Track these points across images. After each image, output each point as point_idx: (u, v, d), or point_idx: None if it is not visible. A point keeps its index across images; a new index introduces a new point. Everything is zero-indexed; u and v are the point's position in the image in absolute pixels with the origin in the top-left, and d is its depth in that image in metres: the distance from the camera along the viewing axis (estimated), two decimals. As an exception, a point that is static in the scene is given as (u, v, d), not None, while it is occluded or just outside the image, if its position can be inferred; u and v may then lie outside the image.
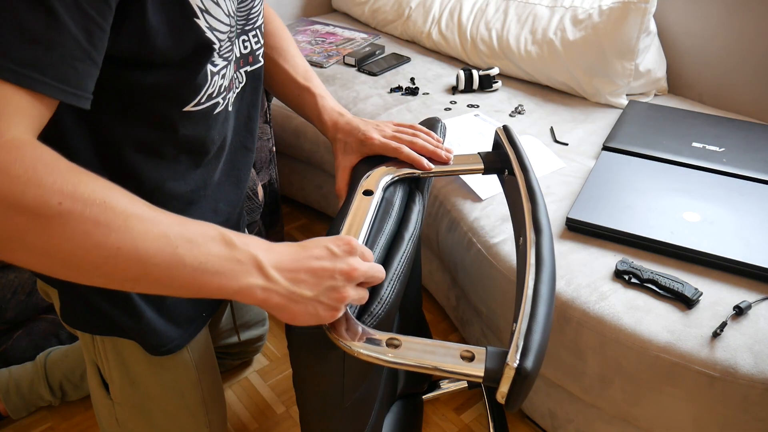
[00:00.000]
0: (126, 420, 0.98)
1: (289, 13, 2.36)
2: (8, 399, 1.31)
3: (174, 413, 0.98)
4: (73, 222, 0.48)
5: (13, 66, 0.49)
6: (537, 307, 0.61)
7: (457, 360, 0.60)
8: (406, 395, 1.27)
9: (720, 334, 0.96)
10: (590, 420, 1.14)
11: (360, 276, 0.62)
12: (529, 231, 0.73)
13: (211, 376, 1.02)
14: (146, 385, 0.94)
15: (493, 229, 1.24)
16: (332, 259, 0.61)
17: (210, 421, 1.02)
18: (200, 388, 0.98)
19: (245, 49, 0.83)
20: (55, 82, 0.52)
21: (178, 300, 0.89)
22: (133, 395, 0.95)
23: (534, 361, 0.56)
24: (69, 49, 0.52)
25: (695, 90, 1.76)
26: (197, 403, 0.99)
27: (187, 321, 0.93)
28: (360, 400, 0.80)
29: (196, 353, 0.97)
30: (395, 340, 0.61)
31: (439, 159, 0.90)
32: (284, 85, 0.99)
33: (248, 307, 1.30)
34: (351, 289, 0.61)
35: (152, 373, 0.93)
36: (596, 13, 1.64)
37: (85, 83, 0.55)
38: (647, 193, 1.22)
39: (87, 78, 0.55)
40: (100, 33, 0.55)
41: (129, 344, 0.90)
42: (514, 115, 1.63)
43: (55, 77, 0.52)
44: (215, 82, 0.75)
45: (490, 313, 1.24)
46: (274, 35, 0.99)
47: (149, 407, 0.96)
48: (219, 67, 0.74)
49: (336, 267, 0.60)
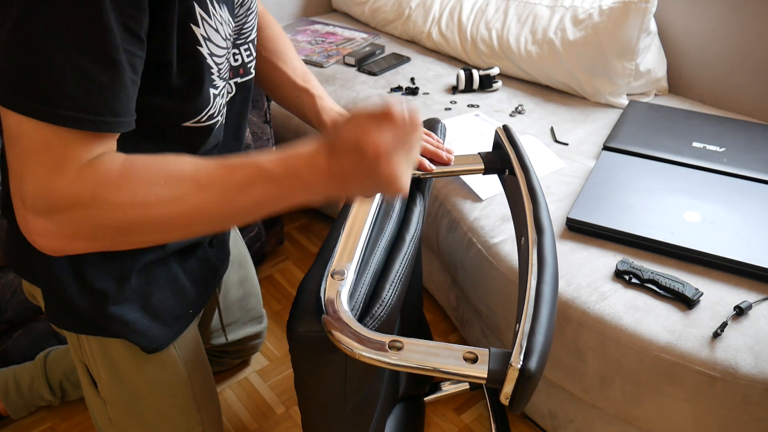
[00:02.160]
0: (119, 419, 0.98)
1: (289, 13, 2.36)
2: (8, 398, 1.31)
3: (165, 411, 0.97)
4: (144, 223, 0.59)
5: (92, 117, 0.57)
6: (540, 307, 0.61)
7: (460, 362, 0.60)
8: (407, 397, 1.27)
9: (720, 335, 0.96)
10: (590, 420, 1.14)
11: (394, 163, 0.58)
12: (531, 231, 0.73)
13: (201, 373, 1.01)
14: (135, 383, 0.94)
15: (493, 229, 1.24)
16: (358, 171, 0.58)
17: (202, 419, 1.01)
18: (190, 386, 0.98)
19: (236, 62, 0.84)
20: (121, 117, 0.60)
21: (164, 298, 0.90)
22: (122, 394, 0.94)
23: (537, 362, 0.56)
24: (128, 88, 0.60)
25: (696, 90, 1.76)
26: (188, 400, 0.99)
27: (173, 319, 0.92)
28: (362, 403, 0.80)
29: (184, 350, 0.96)
30: (397, 342, 0.61)
31: (439, 160, 0.91)
32: (283, 87, 0.99)
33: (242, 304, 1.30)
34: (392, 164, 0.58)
35: (140, 372, 0.93)
36: (596, 12, 1.64)
37: (133, 107, 0.62)
38: (647, 193, 1.22)
39: (134, 101, 0.62)
40: (141, 62, 0.62)
41: (116, 343, 0.89)
42: (514, 115, 1.63)
43: (120, 113, 0.60)
44: (217, 103, 0.77)
45: (490, 313, 1.24)
46: (272, 39, 0.99)
47: (140, 406, 0.96)
48: (219, 88, 0.77)
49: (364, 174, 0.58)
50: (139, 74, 0.62)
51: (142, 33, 0.60)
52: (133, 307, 0.86)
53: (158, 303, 0.89)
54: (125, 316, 0.85)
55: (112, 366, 0.92)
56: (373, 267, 0.72)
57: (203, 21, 0.68)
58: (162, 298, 0.89)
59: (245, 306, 1.31)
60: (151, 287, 0.88)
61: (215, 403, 1.07)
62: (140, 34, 0.60)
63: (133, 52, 0.59)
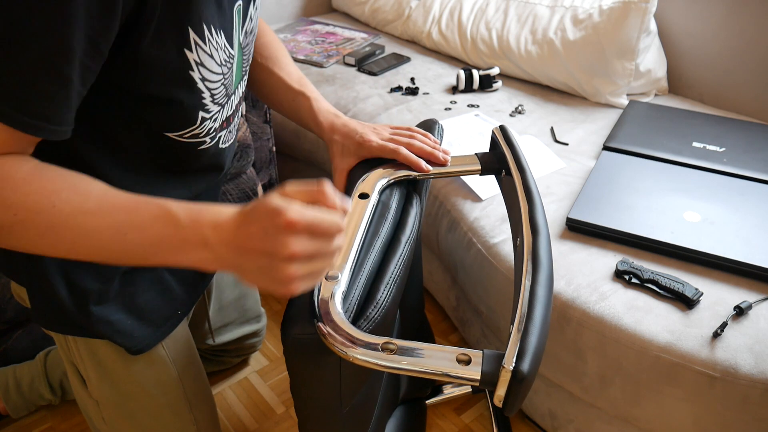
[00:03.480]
0: (112, 419, 0.97)
1: (289, 13, 2.36)
2: (8, 398, 1.31)
3: (156, 411, 0.97)
4: (29, 229, 0.58)
5: (23, 117, 0.57)
6: (534, 309, 0.61)
7: (453, 363, 0.60)
8: (408, 400, 1.27)
9: (720, 335, 0.95)
10: (590, 420, 1.14)
11: (299, 254, 0.53)
12: (526, 232, 0.72)
13: (192, 372, 1.00)
14: (124, 383, 0.93)
15: (493, 229, 1.23)
16: (264, 239, 0.54)
17: (196, 418, 1.01)
18: (181, 385, 0.97)
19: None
20: (53, 125, 0.60)
21: (150, 299, 0.89)
22: (113, 394, 0.94)
23: (530, 364, 0.56)
24: (70, 100, 0.60)
25: (696, 90, 1.76)
26: (179, 400, 0.98)
27: (161, 319, 0.92)
28: (359, 405, 0.79)
29: (173, 350, 0.96)
30: (390, 344, 0.61)
31: (436, 161, 0.90)
32: (279, 92, 1.00)
33: (239, 304, 1.30)
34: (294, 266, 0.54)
35: (129, 372, 0.92)
36: (596, 12, 1.63)
37: (71, 119, 0.62)
38: (648, 193, 1.22)
39: (73, 113, 0.62)
40: (92, 75, 0.61)
41: (102, 343, 0.89)
42: (514, 115, 1.63)
43: (54, 122, 0.59)
44: (206, 126, 0.77)
45: (490, 313, 1.24)
46: (267, 46, 1.00)
47: (131, 406, 0.95)
48: (212, 113, 0.77)
49: (273, 249, 0.54)
50: (88, 86, 0.62)
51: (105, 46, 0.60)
52: (118, 308, 0.86)
53: (144, 304, 0.89)
54: (109, 317, 0.84)
55: (100, 366, 0.91)
56: (367, 269, 0.71)
57: (197, 46, 0.68)
58: (148, 299, 0.89)
59: (242, 306, 1.31)
60: (136, 288, 0.88)
61: (209, 402, 1.07)
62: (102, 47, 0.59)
63: (88, 66, 0.59)
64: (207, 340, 1.28)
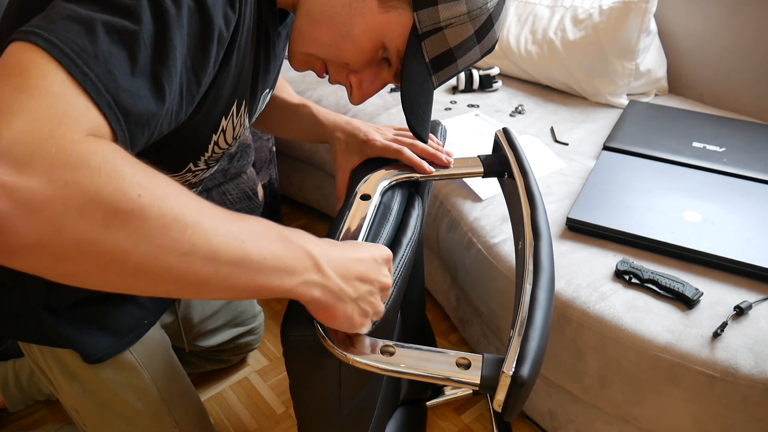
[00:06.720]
0: (93, 426, 0.97)
1: (289, 13, 2.35)
2: (7, 391, 1.31)
3: (133, 417, 0.95)
4: (152, 216, 0.43)
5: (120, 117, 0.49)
6: (534, 313, 0.61)
7: (452, 367, 0.59)
8: (409, 401, 1.27)
9: (720, 335, 0.95)
10: (590, 420, 1.14)
11: (389, 293, 0.62)
12: (528, 236, 0.72)
13: (168, 374, 0.99)
14: (96, 391, 0.92)
15: (493, 229, 1.24)
16: (375, 267, 0.61)
17: (177, 420, 0.99)
18: (155, 388, 0.96)
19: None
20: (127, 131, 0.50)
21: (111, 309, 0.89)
22: (88, 402, 0.93)
23: (530, 369, 0.56)
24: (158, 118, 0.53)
25: (696, 90, 1.76)
26: (155, 403, 0.97)
27: (126, 328, 0.91)
28: (358, 407, 0.79)
29: (143, 355, 0.94)
30: (389, 347, 0.61)
31: (439, 162, 0.90)
32: (280, 111, 1.02)
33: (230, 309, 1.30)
34: (381, 302, 0.62)
35: (99, 379, 0.91)
36: (596, 12, 1.63)
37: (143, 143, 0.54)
38: (648, 193, 1.22)
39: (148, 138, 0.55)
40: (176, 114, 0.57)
41: (67, 351, 0.88)
42: (514, 115, 1.63)
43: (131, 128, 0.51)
44: (186, 176, 0.78)
45: (490, 313, 1.24)
46: None
47: (107, 413, 0.94)
48: (198, 168, 0.78)
49: (378, 277, 0.60)
50: (172, 123, 0.57)
51: (199, 93, 0.58)
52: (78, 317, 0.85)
53: (106, 313, 0.88)
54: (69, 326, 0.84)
55: (69, 373, 0.90)
56: (369, 271, 0.71)
57: (231, 116, 0.71)
58: (109, 308, 0.88)
59: (234, 309, 1.31)
60: (96, 298, 0.87)
61: (193, 403, 1.05)
62: (196, 93, 0.58)
63: (188, 93, 0.57)
64: (196, 341, 1.28)
